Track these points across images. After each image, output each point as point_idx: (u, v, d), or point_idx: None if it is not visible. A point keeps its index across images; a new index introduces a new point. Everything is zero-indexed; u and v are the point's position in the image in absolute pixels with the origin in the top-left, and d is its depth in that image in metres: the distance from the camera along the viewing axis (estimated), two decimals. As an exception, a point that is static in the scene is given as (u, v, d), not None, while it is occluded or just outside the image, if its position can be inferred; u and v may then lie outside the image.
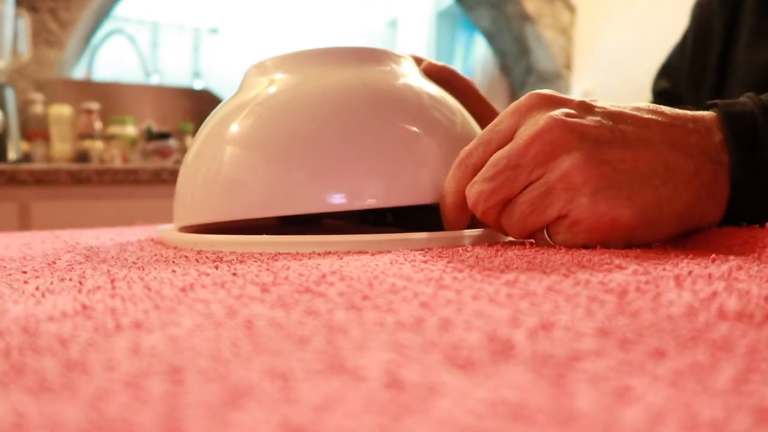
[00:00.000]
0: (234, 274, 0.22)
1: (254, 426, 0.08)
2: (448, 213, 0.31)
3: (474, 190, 0.29)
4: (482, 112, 0.40)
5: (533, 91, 0.29)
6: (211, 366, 0.11)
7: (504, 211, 0.29)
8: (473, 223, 0.38)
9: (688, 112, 0.29)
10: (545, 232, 0.28)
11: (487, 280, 0.20)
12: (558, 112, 0.27)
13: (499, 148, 0.29)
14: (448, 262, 0.24)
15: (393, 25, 3.18)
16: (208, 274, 0.22)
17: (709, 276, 0.20)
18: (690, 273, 0.21)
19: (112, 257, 0.29)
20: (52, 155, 1.52)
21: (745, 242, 0.30)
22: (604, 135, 0.27)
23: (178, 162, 1.47)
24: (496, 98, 2.28)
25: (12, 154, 1.38)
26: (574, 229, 0.27)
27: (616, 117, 0.28)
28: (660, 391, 0.10)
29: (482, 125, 0.36)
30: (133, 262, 0.27)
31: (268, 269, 0.23)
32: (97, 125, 1.55)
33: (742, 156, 0.28)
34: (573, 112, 0.28)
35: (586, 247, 0.28)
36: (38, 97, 1.54)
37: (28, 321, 0.15)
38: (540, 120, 0.27)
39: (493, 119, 0.30)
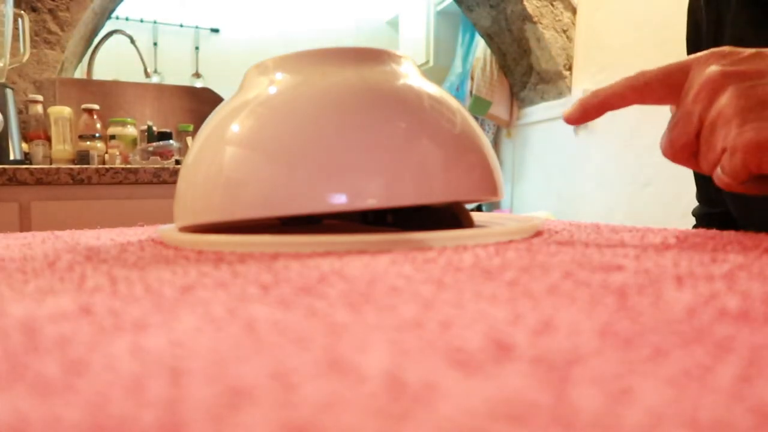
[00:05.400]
0: (234, 275, 0.22)
1: (255, 426, 0.08)
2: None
3: (662, 139, 0.35)
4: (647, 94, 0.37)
5: (710, 49, 0.34)
6: (212, 366, 0.11)
7: (698, 153, 0.33)
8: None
9: None
10: (719, 170, 0.32)
11: (487, 280, 0.20)
12: (720, 63, 0.32)
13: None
14: (448, 261, 0.24)
15: (394, 25, 3.18)
16: (208, 275, 0.22)
17: (710, 276, 0.20)
18: (690, 273, 0.21)
19: (113, 257, 0.29)
20: (52, 156, 1.52)
21: (745, 243, 0.30)
22: (755, 73, 0.31)
23: (179, 162, 1.47)
24: (496, 99, 2.28)
25: (12, 155, 1.38)
26: (732, 158, 0.30)
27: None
28: (660, 391, 0.10)
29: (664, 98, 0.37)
30: (134, 263, 0.27)
31: (268, 269, 0.23)
32: (98, 125, 1.55)
33: None
34: (735, 60, 0.32)
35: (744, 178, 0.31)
36: (38, 97, 1.54)
37: (28, 321, 0.15)
38: (705, 72, 0.32)
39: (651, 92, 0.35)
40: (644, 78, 0.35)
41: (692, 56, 0.34)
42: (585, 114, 0.36)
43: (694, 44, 0.57)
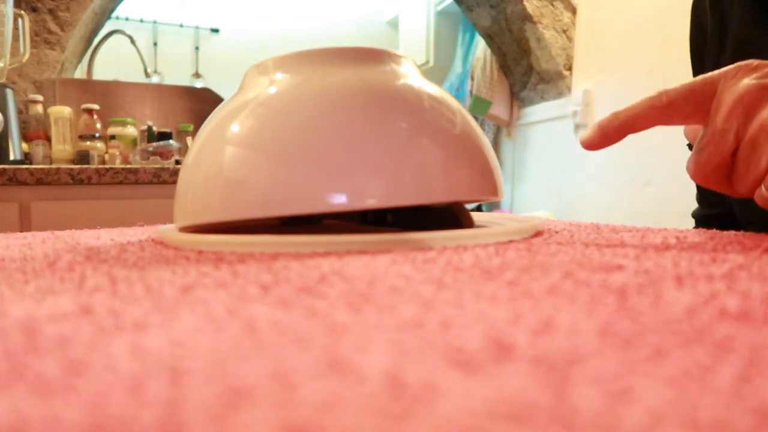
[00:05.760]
0: (234, 275, 0.22)
1: (255, 426, 0.08)
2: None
3: (691, 162, 0.32)
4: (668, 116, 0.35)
5: (737, 63, 0.32)
6: (212, 366, 0.11)
7: (731, 174, 0.32)
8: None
9: None
10: (763, 188, 0.29)
11: (487, 280, 0.20)
12: (752, 76, 0.30)
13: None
14: (448, 261, 0.24)
15: (394, 25, 3.18)
16: (208, 275, 0.22)
17: (710, 276, 0.20)
18: (690, 273, 0.21)
19: (113, 257, 0.29)
20: (52, 156, 1.52)
21: (745, 243, 0.30)
22: None
23: (179, 162, 1.47)
24: (496, 99, 2.28)
25: (12, 155, 1.38)
26: None
27: None
28: (660, 391, 0.10)
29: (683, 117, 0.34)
30: (134, 263, 0.27)
31: (268, 269, 0.23)
32: (98, 125, 1.55)
33: None
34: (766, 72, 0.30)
35: None
36: (38, 97, 1.54)
37: (28, 321, 0.15)
38: (738, 86, 0.30)
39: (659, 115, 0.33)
40: (667, 97, 0.33)
41: (718, 71, 0.32)
42: (605, 138, 0.34)
43: (697, 45, 0.57)
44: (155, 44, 2.85)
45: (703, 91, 0.32)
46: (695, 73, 0.57)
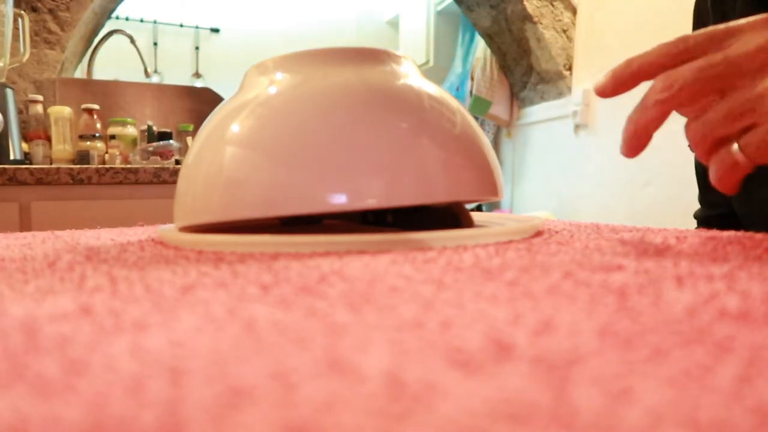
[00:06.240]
0: (234, 275, 0.22)
1: (255, 426, 0.08)
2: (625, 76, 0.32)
3: (681, 70, 0.30)
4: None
5: (766, 15, 0.30)
6: (212, 366, 0.11)
7: (700, 115, 0.29)
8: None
9: None
10: (736, 146, 0.28)
11: (487, 280, 0.20)
12: None
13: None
14: (448, 261, 0.24)
15: (394, 25, 3.18)
16: (208, 275, 0.22)
17: (710, 276, 0.20)
18: (690, 273, 0.21)
19: (113, 257, 0.29)
20: (52, 156, 1.52)
21: (745, 243, 0.30)
22: None
23: (179, 162, 1.47)
24: (496, 99, 2.28)
25: (12, 155, 1.38)
26: None
27: None
28: (660, 391, 0.10)
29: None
30: (134, 263, 0.27)
31: (268, 269, 0.23)
32: (98, 125, 1.55)
33: None
34: None
35: None
36: (38, 97, 1.54)
37: (28, 321, 0.15)
38: (761, 37, 0.28)
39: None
40: (684, 44, 0.31)
41: (743, 20, 0.30)
42: (617, 85, 0.33)
43: None
44: (155, 44, 2.85)
45: (724, 41, 0.30)
46: None
